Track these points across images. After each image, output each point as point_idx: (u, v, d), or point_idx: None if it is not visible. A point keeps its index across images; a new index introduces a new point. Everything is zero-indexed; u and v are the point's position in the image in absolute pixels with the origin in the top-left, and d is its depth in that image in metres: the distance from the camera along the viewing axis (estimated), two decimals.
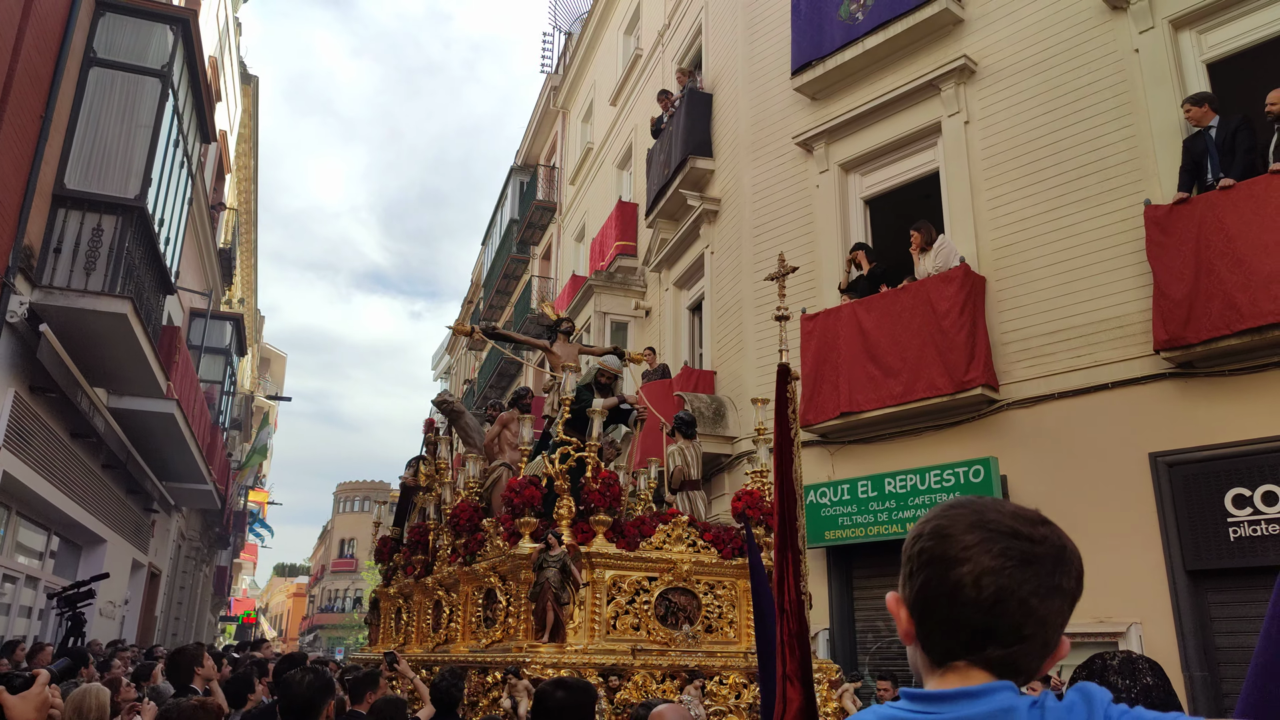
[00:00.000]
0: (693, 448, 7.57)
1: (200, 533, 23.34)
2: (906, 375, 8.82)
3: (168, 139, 9.82)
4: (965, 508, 1.09)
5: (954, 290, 8.64)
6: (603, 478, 6.25)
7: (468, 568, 6.83)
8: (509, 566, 6.16)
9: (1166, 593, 7.16)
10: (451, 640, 6.98)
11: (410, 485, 9.70)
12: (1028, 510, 1.09)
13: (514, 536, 6.27)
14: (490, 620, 6.36)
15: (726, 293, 11.89)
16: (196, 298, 17.73)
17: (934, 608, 1.07)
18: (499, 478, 7.79)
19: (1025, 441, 8.26)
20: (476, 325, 8.91)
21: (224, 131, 19.12)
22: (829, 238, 10.47)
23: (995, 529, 1.05)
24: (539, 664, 5.34)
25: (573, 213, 21.04)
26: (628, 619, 6.02)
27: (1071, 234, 8.31)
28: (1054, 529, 1.08)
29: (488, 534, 6.71)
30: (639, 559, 6.17)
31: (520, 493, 6.24)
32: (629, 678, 5.56)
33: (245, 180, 24.34)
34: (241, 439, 29.92)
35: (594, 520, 6.18)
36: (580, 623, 5.82)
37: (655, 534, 6.38)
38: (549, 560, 5.60)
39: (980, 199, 9.13)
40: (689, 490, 7.44)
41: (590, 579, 5.91)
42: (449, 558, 7.41)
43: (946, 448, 8.73)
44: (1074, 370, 8.08)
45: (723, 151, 12.60)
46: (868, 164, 10.48)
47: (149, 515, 15.10)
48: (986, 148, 9.17)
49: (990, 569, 1.03)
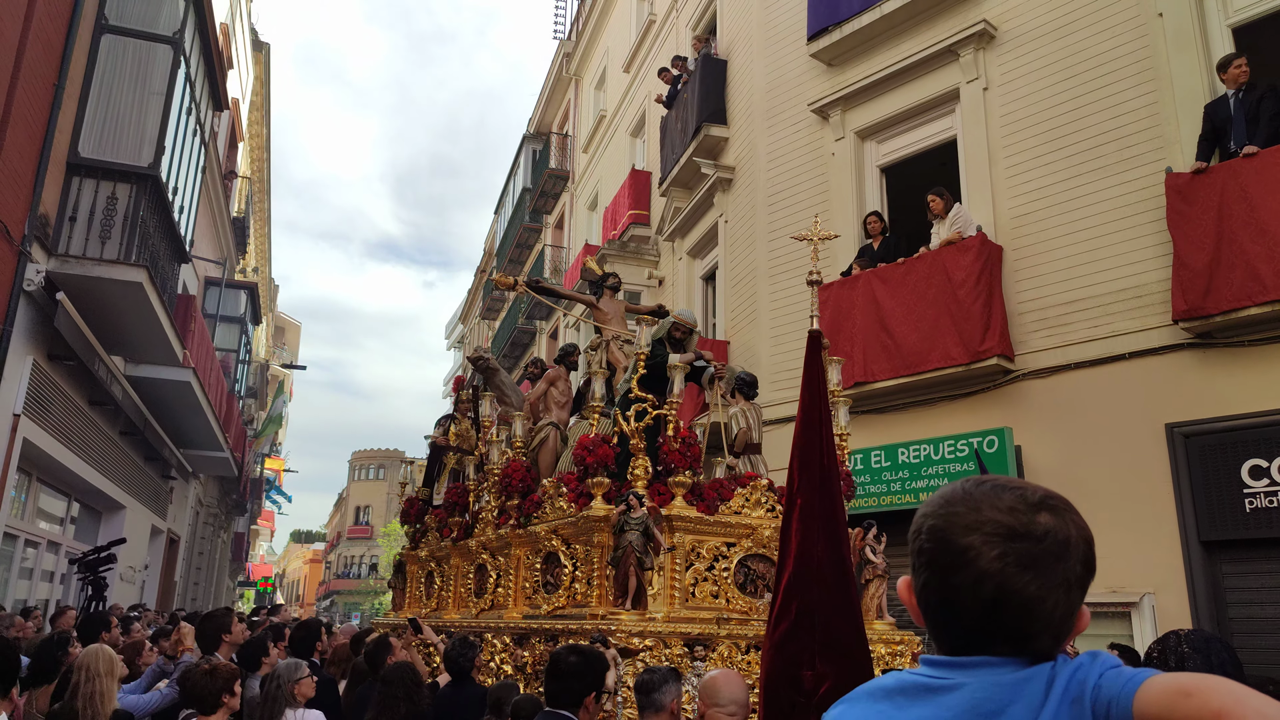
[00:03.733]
0: (754, 409, 7.34)
1: (218, 500, 23.60)
2: (921, 345, 8.77)
3: (180, 107, 9.79)
4: (962, 503, 1.06)
5: (970, 259, 8.56)
6: (683, 437, 5.93)
7: (522, 530, 6.65)
8: (577, 529, 5.97)
9: (1180, 564, 7.15)
10: (501, 606, 6.84)
11: (441, 445, 9.48)
12: (1031, 494, 1.06)
13: (583, 498, 6.04)
14: (552, 585, 6.18)
15: (740, 262, 11.83)
16: (211, 266, 17.77)
17: (937, 609, 1.07)
18: (546, 438, 7.64)
19: (1041, 412, 8.22)
20: (519, 279, 8.66)
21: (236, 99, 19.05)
22: (844, 206, 10.38)
23: (993, 530, 1.02)
24: (623, 632, 5.13)
25: (586, 181, 20.93)
26: (706, 586, 5.81)
27: (1090, 202, 8.21)
28: (1057, 515, 1.04)
29: (548, 494, 6.49)
30: (718, 523, 5.94)
31: (593, 451, 5.94)
32: (714, 648, 5.39)
33: (258, 149, 24.29)
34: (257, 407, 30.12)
35: (673, 482, 5.88)
36: (660, 590, 5.63)
37: (734, 498, 6.15)
38: (631, 523, 5.37)
39: (998, 167, 9.01)
40: (751, 454, 7.21)
41: (670, 543, 5.68)
42: (496, 519, 7.24)
43: (961, 418, 8.70)
44: (1091, 340, 8.01)
45: (737, 119, 12.47)
46: (884, 131, 10.35)
47: (167, 482, 15.26)
48: (1005, 114, 9.05)
49: (988, 573, 1.01)
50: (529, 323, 22.80)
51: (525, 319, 22.60)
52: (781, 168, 11.18)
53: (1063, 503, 1.07)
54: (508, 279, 8.57)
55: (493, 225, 31.08)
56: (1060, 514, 1.05)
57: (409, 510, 9.53)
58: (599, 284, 8.63)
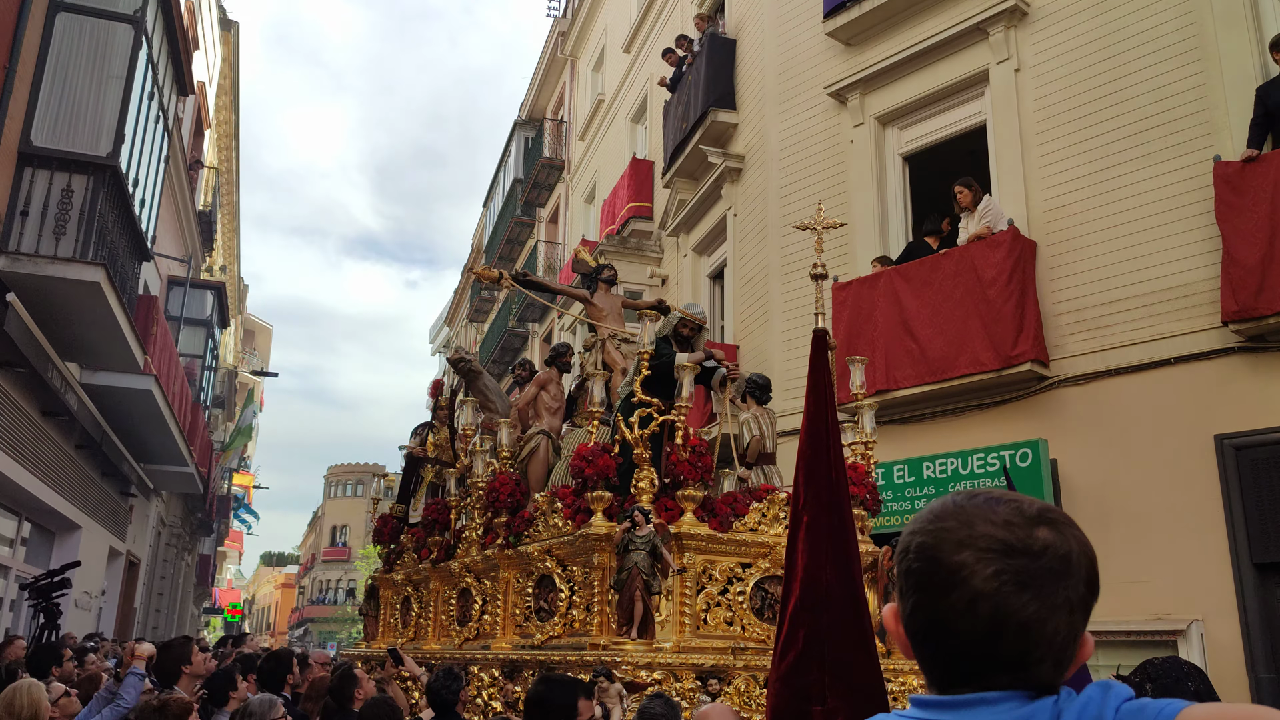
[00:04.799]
0: (768, 415, 7.28)
1: (181, 519, 23.60)
2: (948, 349, 8.78)
3: (142, 91, 9.83)
4: (953, 517, 1.06)
5: (1001, 256, 8.57)
6: (693, 445, 5.84)
7: (511, 550, 6.59)
8: (574, 549, 5.91)
9: (1231, 588, 7.14)
10: (488, 635, 6.80)
11: (418, 456, 9.45)
12: (1028, 506, 1.06)
13: (581, 514, 5.97)
14: (546, 612, 6.13)
15: (751, 259, 11.85)
16: (175, 264, 17.82)
17: (927, 636, 1.06)
18: (536, 447, 7.60)
19: (1078, 422, 8.22)
20: (505, 271, 8.64)
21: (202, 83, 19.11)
22: (864, 198, 10.40)
23: (987, 546, 1.02)
24: (629, 664, 5.04)
25: (582, 171, 20.96)
26: (720, 612, 5.72)
27: (1132, 193, 8.22)
28: (1057, 529, 1.04)
29: (541, 510, 6.43)
30: (732, 542, 5.85)
31: (592, 462, 5.84)
32: (730, 681, 5.30)
33: (226, 137, 24.36)
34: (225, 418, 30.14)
35: (682, 496, 5.76)
36: (668, 616, 5.53)
37: (749, 513, 6.05)
38: (636, 541, 5.26)
39: (1031, 155, 9.03)
40: (765, 465, 7.14)
41: (679, 564, 5.57)
42: (482, 539, 7.19)
43: (991, 429, 8.71)
44: (1133, 344, 8.02)
45: (747, 103, 12.50)
46: (907, 117, 10.38)
47: (126, 500, 15.27)
48: (1038, 98, 9.07)
49: (983, 594, 1.00)
50: (521, 325, 22.82)
51: (516, 321, 22.62)
52: (795, 156, 11.21)
53: (1062, 516, 1.07)
54: (491, 271, 8.51)
55: (481, 219, 31.12)
56: (1060, 528, 1.05)
57: (382, 529, 9.48)
58: (592, 277, 8.59)
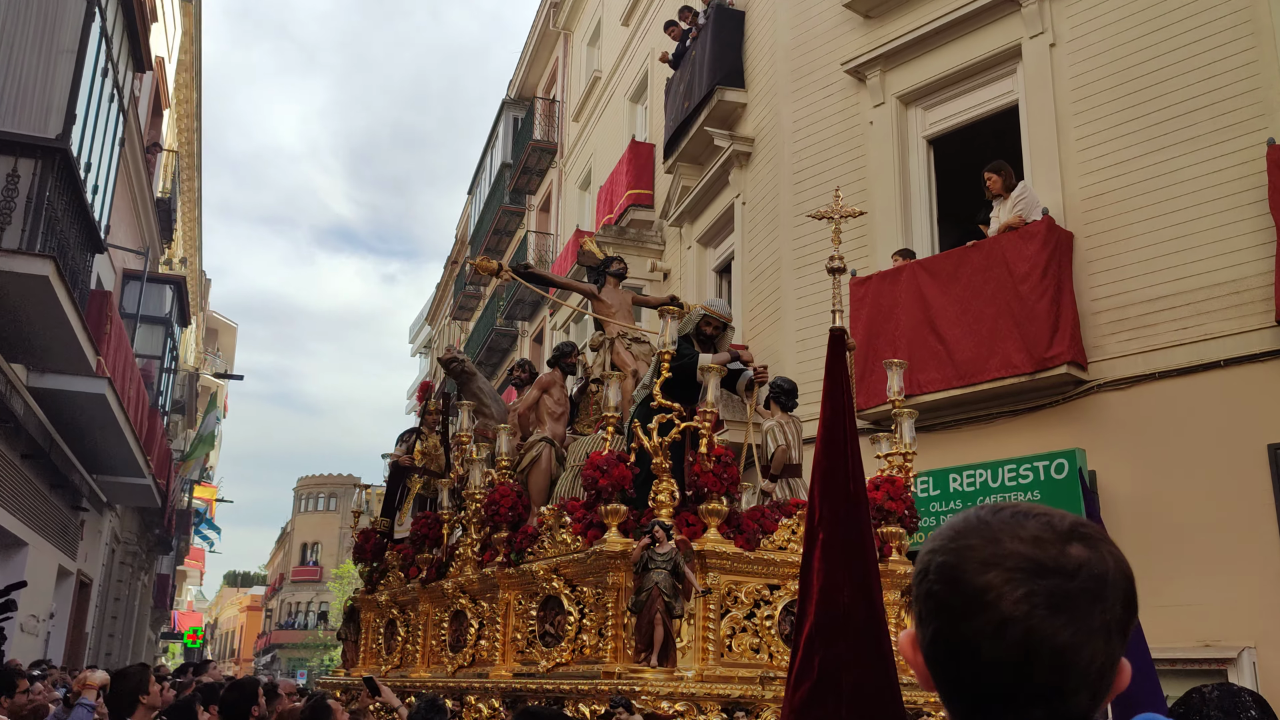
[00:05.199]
0: (794, 423, 7.27)
1: (138, 535, 23.60)
2: (977, 351, 8.78)
3: (94, 67, 9.82)
4: (978, 534, 1.05)
5: (1035, 249, 8.57)
6: (718, 455, 5.79)
7: (513, 569, 6.59)
8: (585, 567, 5.90)
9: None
10: (485, 662, 6.78)
11: (404, 465, 9.46)
12: (1059, 522, 1.05)
13: (593, 529, 5.95)
14: (552, 636, 6.13)
15: (761, 251, 11.85)
16: (131, 257, 17.81)
17: (950, 665, 1.05)
18: (538, 456, 7.61)
19: (1119, 430, 8.22)
20: (503, 263, 8.67)
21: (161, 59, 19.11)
22: (885, 185, 10.40)
23: (1016, 565, 1.01)
24: (649, 694, 5.02)
25: (576, 155, 20.96)
26: (746, 638, 5.70)
27: (1178, 180, 8.22)
28: (1091, 545, 1.04)
29: (547, 525, 6.42)
30: (760, 561, 5.83)
31: (607, 472, 5.80)
32: (758, 714, 5.27)
33: (187, 117, 24.36)
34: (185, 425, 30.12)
35: (705, 510, 5.73)
36: (690, 642, 5.51)
37: (778, 529, 6.03)
38: (657, 559, 5.23)
39: (1067, 138, 9.03)
40: (790, 477, 7.12)
41: (703, 585, 5.53)
42: (478, 556, 7.19)
43: (1024, 438, 8.70)
44: (1179, 345, 8.02)
45: (757, 81, 12.50)
46: (932, 96, 10.39)
47: (77, 514, 15.25)
48: (1076, 76, 9.07)
49: (1012, 618, 1.00)
50: (509, 324, 22.82)
51: (504, 319, 22.63)
52: (810, 139, 11.21)
53: (1096, 531, 1.06)
54: (490, 263, 8.58)
55: (466, 208, 31.13)
56: (1094, 544, 1.04)
57: (364, 545, 9.45)
58: (600, 270, 8.60)
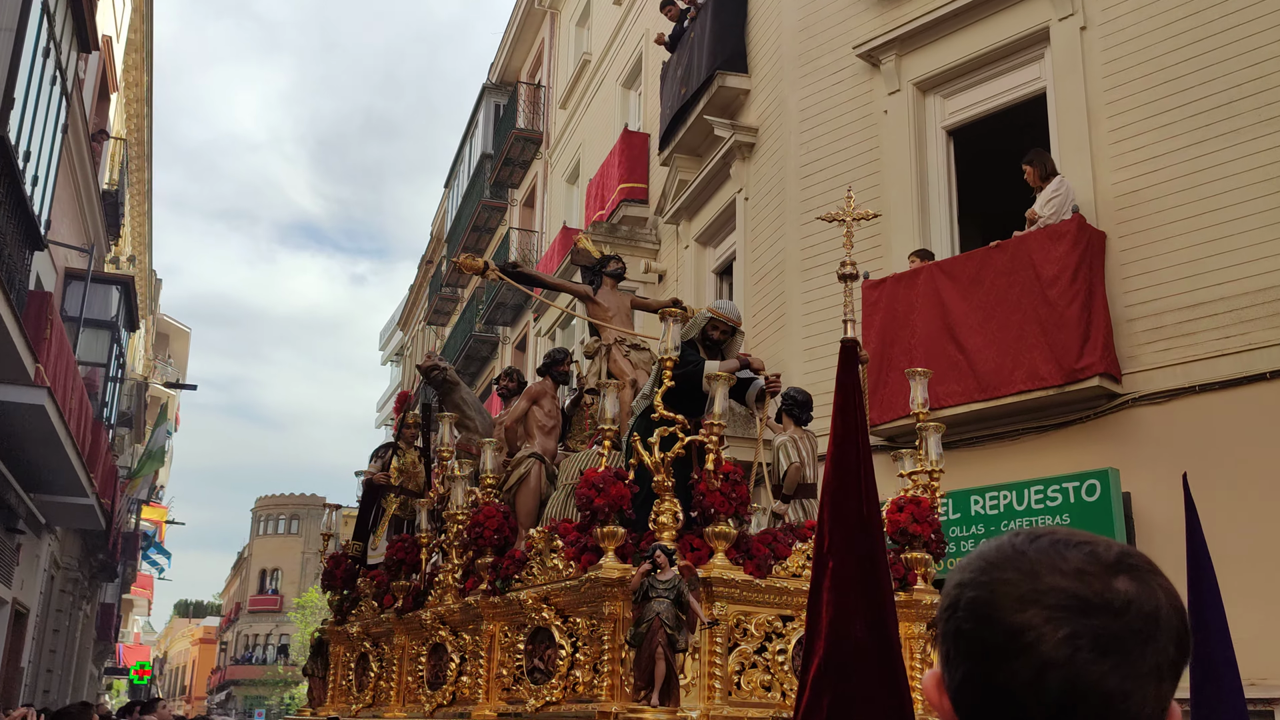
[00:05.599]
0: (808, 438, 7.25)
1: (80, 561, 23.47)
2: (1000, 361, 8.77)
3: (35, 47, 9.78)
4: (1013, 566, 1.04)
5: (1065, 249, 8.58)
6: (725, 472, 5.78)
7: (498, 598, 6.60)
8: (578, 596, 5.88)
9: None
10: (467, 700, 6.76)
11: (379, 484, 9.47)
12: (1104, 552, 1.04)
13: (587, 554, 5.94)
14: (542, 673, 6.12)
15: (765, 251, 11.84)
16: (74, 254, 17.74)
17: (981, 712, 1.04)
18: (527, 474, 7.60)
19: (1156, 448, 8.21)
20: (489, 261, 8.67)
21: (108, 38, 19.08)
22: (900, 178, 10.40)
23: (1057, 602, 1.00)
24: None
25: (564, 146, 20.96)
26: (756, 674, 5.68)
27: (1220, 175, 8.23)
28: (1140, 578, 1.02)
29: (537, 549, 6.41)
30: (772, 590, 5.82)
31: (603, 490, 5.76)
32: None
33: (136, 102, 24.32)
34: (133, 439, 30.00)
35: (712, 533, 5.72)
36: (695, 679, 5.49)
37: (792, 555, 6.01)
38: (658, 588, 5.20)
39: (1099, 129, 9.05)
40: (804, 498, 7.11)
41: (710, 616, 5.50)
42: (461, 584, 7.20)
43: (1052, 456, 8.70)
44: (1221, 355, 8.02)
45: (761, 66, 12.51)
46: (952, 83, 10.40)
47: (13, 538, 15.17)
48: (1109, 61, 9.08)
49: (1054, 662, 0.98)
50: (489, 329, 22.80)
51: (484, 325, 22.60)
52: (819, 129, 11.21)
53: (1145, 562, 1.05)
54: (475, 261, 8.59)
55: (442, 203, 31.09)
56: (1144, 577, 1.03)
57: (334, 571, 9.43)
58: (595, 270, 8.60)
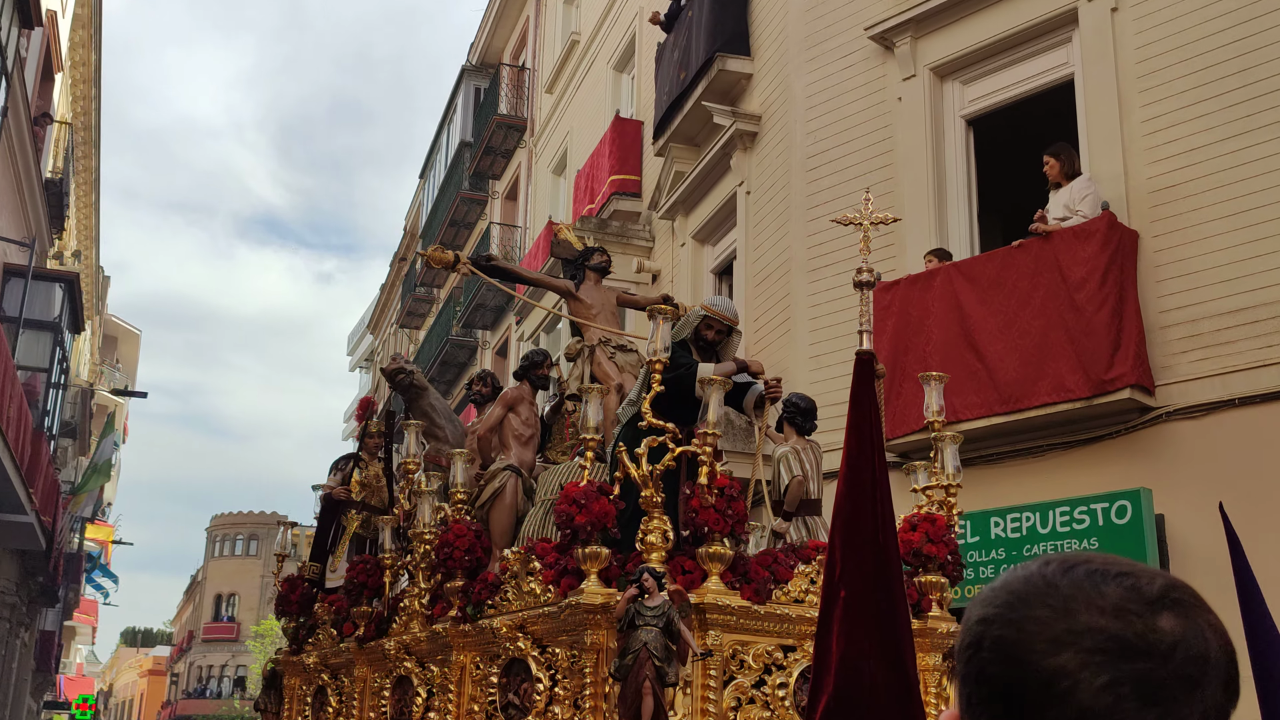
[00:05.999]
0: (812, 449, 7.27)
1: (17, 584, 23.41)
2: (1023, 371, 8.78)
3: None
4: (1045, 602, 1.01)
5: (1094, 250, 8.59)
6: (720, 486, 5.74)
7: (469, 625, 6.61)
8: (557, 624, 5.87)
9: None
10: None
11: (339, 499, 9.48)
12: (1147, 585, 1.01)
13: (567, 576, 5.92)
14: (518, 709, 6.12)
15: (768, 250, 11.85)
16: (13, 249, 17.73)
17: None
18: (502, 488, 7.60)
19: (1192, 466, 8.23)
20: (460, 254, 8.67)
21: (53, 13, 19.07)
22: (915, 172, 10.41)
23: (1095, 645, 0.97)
24: None
25: (550, 134, 20.98)
26: (755, 711, 5.67)
27: (1263, 170, 8.25)
28: (1187, 615, 1.00)
29: (512, 572, 6.40)
30: (772, 617, 5.80)
31: (585, 506, 5.71)
32: None
33: (84, 83, 24.31)
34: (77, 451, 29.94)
35: (706, 554, 5.68)
36: (686, 715, 5.47)
37: (793, 578, 6.00)
38: (646, 615, 5.18)
39: (1131, 120, 9.06)
40: (808, 515, 7.11)
41: (703, 646, 5.47)
42: (428, 610, 7.21)
43: (1080, 475, 8.71)
44: (1263, 366, 8.04)
45: (765, 48, 12.54)
46: (972, 68, 10.43)
47: None
48: (1142, 46, 9.10)
49: (1093, 711, 0.96)
50: (467, 333, 22.78)
51: (462, 328, 22.58)
52: (827, 117, 11.22)
53: (1191, 596, 1.02)
54: (444, 254, 8.61)
55: (417, 195, 31.12)
56: (1191, 614, 1.00)
57: (289, 596, 9.46)
58: (577, 264, 8.58)
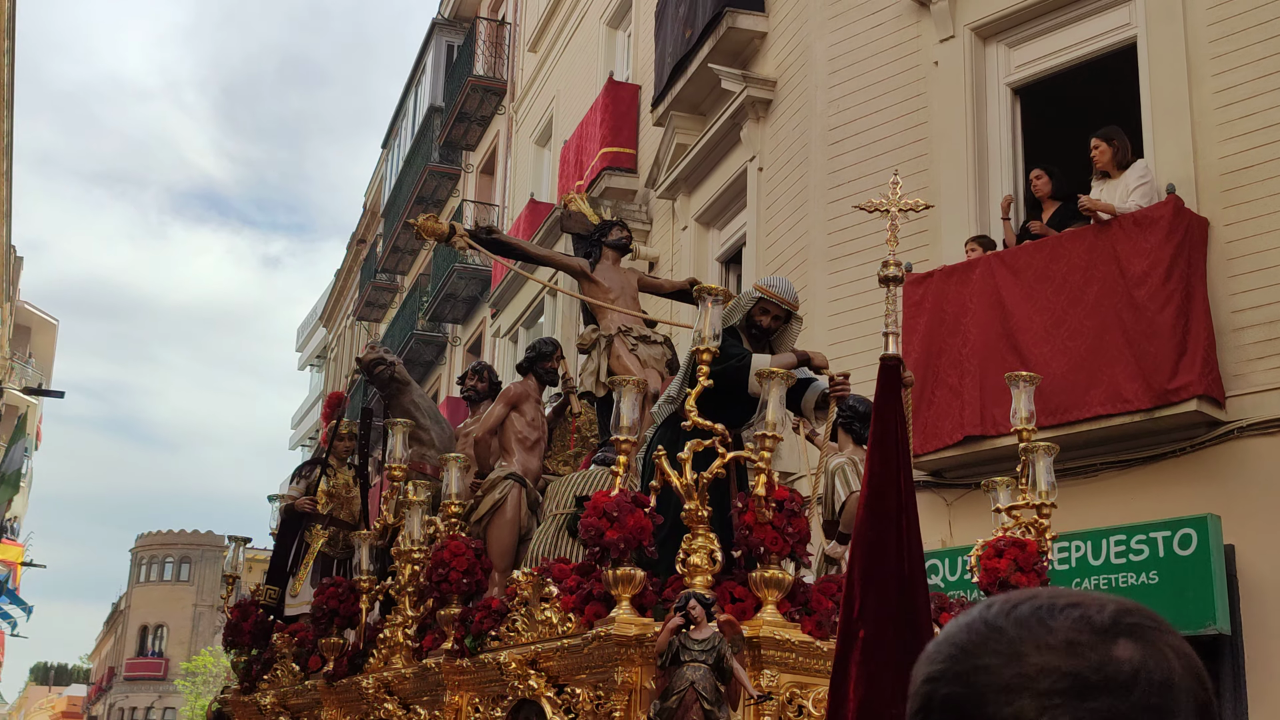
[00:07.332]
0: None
1: None
2: (1074, 378, 8.79)
3: None
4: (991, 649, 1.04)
5: (1157, 240, 8.60)
6: (780, 499, 5.63)
7: (469, 660, 6.56)
8: (579, 659, 5.78)
9: None
10: None
11: (302, 510, 9.48)
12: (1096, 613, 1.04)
13: (592, 603, 5.79)
14: None
15: (783, 235, 11.85)
16: None
17: None
18: (503, 500, 7.60)
19: (1268, 490, 8.24)
20: (457, 224, 8.58)
21: None
22: (953, 147, 10.41)
23: (1051, 686, 1.00)
24: None
25: (533, 99, 20.97)
26: None
27: None
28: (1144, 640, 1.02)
29: (520, 598, 6.30)
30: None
31: (617, 519, 5.57)
32: None
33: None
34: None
35: (761, 579, 5.60)
36: None
37: None
38: (692, 650, 5.14)
39: (1202, 90, 9.07)
40: None
41: (759, 688, 5.37)
42: (414, 641, 7.21)
43: (1138, 498, 8.72)
44: None
45: (782, 4, 12.54)
46: (1019, 29, 10.43)
47: None
48: (1216, 5, 9.12)
49: None
50: (434, 327, 22.72)
51: (428, 321, 22.51)
52: (852, 84, 11.23)
53: (1148, 618, 1.05)
54: (439, 224, 8.53)
55: (379, 168, 31.11)
56: (1149, 637, 1.03)
57: (241, 624, 9.39)
58: (593, 240, 8.50)
